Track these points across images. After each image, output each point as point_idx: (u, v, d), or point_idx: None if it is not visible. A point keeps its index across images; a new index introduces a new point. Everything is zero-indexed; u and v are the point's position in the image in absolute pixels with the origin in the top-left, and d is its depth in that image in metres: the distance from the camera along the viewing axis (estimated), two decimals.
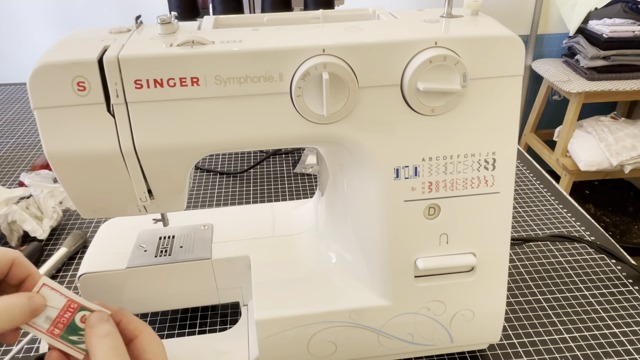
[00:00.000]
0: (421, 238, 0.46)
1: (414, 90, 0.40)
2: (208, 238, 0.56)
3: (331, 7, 0.90)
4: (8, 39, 1.89)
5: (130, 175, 0.41)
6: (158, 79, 0.38)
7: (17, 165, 0.92)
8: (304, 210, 0.59)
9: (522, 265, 0.65)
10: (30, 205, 0.72)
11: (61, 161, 0.40)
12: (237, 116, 0.40)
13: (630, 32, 1.72)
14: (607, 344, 0.53)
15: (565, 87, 1.77)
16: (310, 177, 0.87)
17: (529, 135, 2.15)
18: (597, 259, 0.66)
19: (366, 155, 0.43)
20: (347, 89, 0.39)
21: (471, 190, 0.45)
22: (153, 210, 0.45)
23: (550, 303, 0.59)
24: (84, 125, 0.39)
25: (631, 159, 1.73)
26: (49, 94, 0.37)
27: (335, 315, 0.47)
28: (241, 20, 0.48)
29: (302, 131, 0.41)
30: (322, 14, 0.49)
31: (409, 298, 0.48)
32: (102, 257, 0.53)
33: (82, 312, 0.37)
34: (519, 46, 0.40)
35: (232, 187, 0.84)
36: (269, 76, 0.39)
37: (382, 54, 0.39)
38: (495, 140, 0.43)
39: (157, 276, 0.52)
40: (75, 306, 0.36)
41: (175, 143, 0.40)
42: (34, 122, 1.10)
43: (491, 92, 0.41)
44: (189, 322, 0.57)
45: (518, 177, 0.86)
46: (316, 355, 0.49)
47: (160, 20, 0.41)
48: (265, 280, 0.50)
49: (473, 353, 0.53)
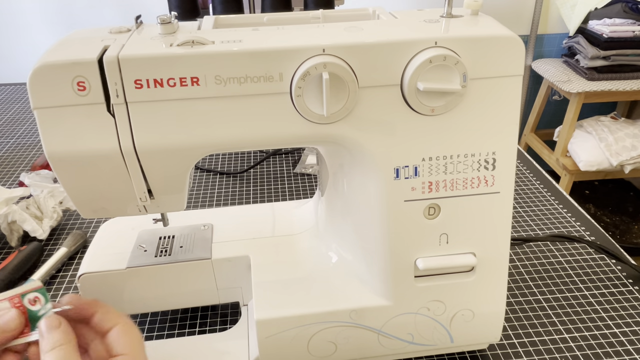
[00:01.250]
0: (421, 238, 0.46)
1: (414, 90, 0.40)
2: (208, 238, 0.56)
3: (331, 7, 0.90)
4: (8, 39, 1.89)
5: (130, 175, 0.41)
6: (158, 79, 0.38)
7: (17, 165, 0.92)
8: (304, 210, 0.59)
9: (522, 265, 0.65)
10: (30, 205, 0.72)
11: (61, 161, 0.40)
12: (237, 116, 0.40)
13: (630, 32, 1.72)
14: (607, 344, 0.53)
15: (565, 87, 1.77)
16: (310, 177, 0.87)
17: (529, 135, 2.15)
18: (597, 259, 0.66)
19: (366, 155, 0.43)
20: (347, 89, 0.39)
21: (471, 190, 0.45)
22: (153, 210, 0.45)
23: (550, 303, 0.59)
24: (84, 125, 0.39)
25: (631, 159, 1.73)
26: (49, 93, 0.37)
27: (335, 315, 0.47)
28: (241, 20, 0.48)
29: (302, 131, 0.41)
30: (322, 14, 0.49)
31: (409, 298, 0.48)
32: (102, 257, 0.53)
33: (26, 297, 0.36)
34: (519, 46, 0.40)
35: (232, 187, 0.84)
36: (269, 76, 0.39)
37: (382, 54, 0.39)
38: (495, 140, 0.43)
39: (157, 276, 0.52)
40: (17, 300, 0.36)
41: (175, 143, 0.40)
42: (34, 122, 1.10)
43: (491, 92, 0.41)
44: (189, 322, 0.57)
45: (518, 177, 0.86)
46: (316, 355, 0.49)
47: (160, 20, 0.41)
48: (265, 280, 0.50)
49: (473, 353, 0.53)
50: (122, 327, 0.37)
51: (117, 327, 0.37)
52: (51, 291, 0.62)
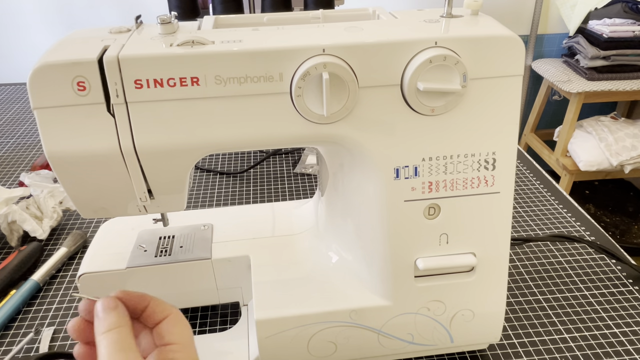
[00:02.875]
0: (421, 238, 0.46)
1: (414, 90, 0.40)
2: (208, 238, 0.56)
3: (331, 7, 0.90)
4: (8, 39, 1.89)
5: (130, 175, 0.41)
6: (158, 79, 0.38)
7: (17, 165, 0.92)
8: (304, 210, 0.59)
9: (522, 265, 0.65)
10: (30, 205, 0.72)
11: (61, 161, 0.40)
12: (237, 116, 0.40)
13: (630, 32, 1.72)
14: (607, 344, 0.53)
15: (565, 87, 1.77)
16: (310, 177, 0.87)
17: (529, 135, 2.15)
18: (597, 259, 0.66)
19: (366, 155, 0.43)
20: (347, 89, 0.39)
21: (471, 190, 0.44)
22: (153, 210, 0.45)
23: (550, 303, 0.59)
24: (84, 125, 0.39)
25: (631, 159, 1.73)
26: (49, 93, 0.37)
27: (335, 315, 0.47)
28: (241, 20, 0.48)
29: (302, 131, 0.41)
30: (322, 14, 0.49)
31: (409, 298, 0.48)
32: (102, 257, 0.53)
33: None
34: (519, 46, 0.40)
35: (232, 187, 0.84)
36: (269, 76, 0.39)
37: (382, 54, 0.39)
38: (495, 140, 0.43)
39: (157, 276, 0.52)
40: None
41: (175, 143, 0.40)
42: (34, 122, 1.10)
43: (491, 92, 0.41)
44: (189, 322, 0.57)
45: (518, 177, 0.86)
46: (316, 355, 0.49)
47: (160, 20, 0.41)
48: (265, 280, 0.50)
49: (473, 353, 0.53)
50: (174, 317, 0.36)
51: (169, 318, 0.36)
52: (51, 291, 0.62)
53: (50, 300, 0.61)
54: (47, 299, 0.61)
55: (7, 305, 0.58)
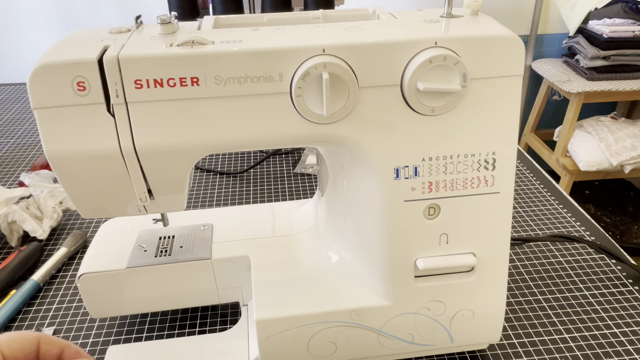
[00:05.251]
0: (421, 238, 0.46)
1: (414, 90, 0.40)
2: (208, 238, 0.56)
3: (331, 7, 0.90)
4: (8, 39, 1.89)
5: (130, 175, 0.41)
6: (158, 79, 0.38)
7: (17, 165, 0.92)
8: (304, 210, 0.59)
9: (522, 265, 0.65)
10: (30, 205, 0.72)
11: (61, 161, 0.40)
12: (237, 116, 0.40)
13: (630, 32, 1.72)
14: (607, 344, 0.53)
15: (565, 87, 1.77)
16: (310, 177, 0.87)
17: (529, 135, 2.15)
18: (597, 259, 0.66)
19: (366, 155, 0.43)
20: (347, 89, 0.39)
21: (471, 190, 0.45)
22: (153, 210, 0.45)
23: (550, 303, 0.59)
24: (84, 125, 0.39)
25: (631, 159, 1.73)
26: (49, 94, 0.37)
27: (335, 315, 0.47)
28: (241, 20, 0.48)
29: (302, 131, 0.41)
30: (322, 14, 0.49)
31: (409, 298, 0.48)
32: (102, 257, 0.53)
33: None
34: (519, 46, 0.40)
35: (232, 187, 0.84)
36: (269, 76, 0.39)
37: (382, 54, 0.39)
38: (495, 140, 0.43)
39: (157, 276, 0.52)
40: None
41: (175, 143, 0.40)
42: (34, 122, 1.10)
43: (491, 92, 0.41)
44: (189, 322, 0.57)
45: (518, 177, 0.86)
46: (316, 355, 0.49)
47: (160, 20, 0.41)
48: (265, 280, 0.50)
49: (473, 353, 0.53)
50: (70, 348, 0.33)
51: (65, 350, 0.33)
52: (51, 291, 0.62)
53: (50, 300, 0.61)
54: (47, 299, 0.61)
55: (7, 305, 0.58)
